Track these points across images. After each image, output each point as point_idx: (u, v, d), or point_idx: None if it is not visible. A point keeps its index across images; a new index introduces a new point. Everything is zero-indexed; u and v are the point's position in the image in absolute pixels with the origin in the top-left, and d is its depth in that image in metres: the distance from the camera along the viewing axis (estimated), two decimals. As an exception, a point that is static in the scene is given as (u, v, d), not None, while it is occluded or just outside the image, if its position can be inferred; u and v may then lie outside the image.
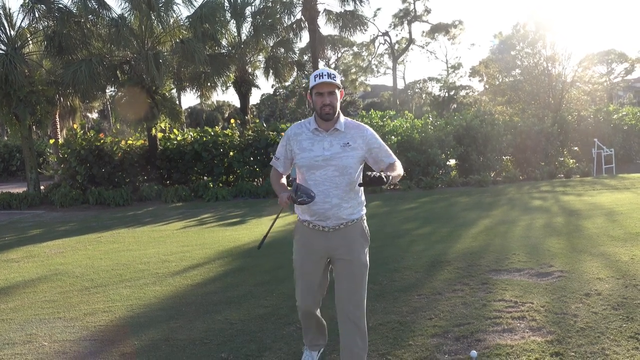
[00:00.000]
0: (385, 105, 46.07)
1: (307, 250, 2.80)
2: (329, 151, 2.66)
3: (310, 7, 19.57)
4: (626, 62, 30.03)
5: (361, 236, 2.78)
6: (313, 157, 2.67)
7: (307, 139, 2.71)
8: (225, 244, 7.33)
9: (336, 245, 2.73)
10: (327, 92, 2.62)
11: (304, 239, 2.81)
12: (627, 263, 5.10)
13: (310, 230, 2.76)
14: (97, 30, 14.37)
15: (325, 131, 2.69)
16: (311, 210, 2.69)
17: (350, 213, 2.72)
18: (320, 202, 2.65)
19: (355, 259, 2.73)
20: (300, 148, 2.72)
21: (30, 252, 7.40)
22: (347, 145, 2.67)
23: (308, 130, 2.73)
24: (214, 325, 4.01)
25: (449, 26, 43.86)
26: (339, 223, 2.70)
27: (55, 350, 3.68)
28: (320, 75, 2.61)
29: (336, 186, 2.66)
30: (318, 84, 2.60)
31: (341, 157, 2.65)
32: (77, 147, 13.35)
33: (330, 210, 2.67)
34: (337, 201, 2.67)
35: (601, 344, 3.26)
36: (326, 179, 2.66)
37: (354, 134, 2.71)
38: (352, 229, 2.74)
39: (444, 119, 16.87)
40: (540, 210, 8.98)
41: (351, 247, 2.73)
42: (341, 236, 2.73)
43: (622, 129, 19.30)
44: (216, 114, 55.29)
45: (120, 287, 5.28)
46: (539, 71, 23.62)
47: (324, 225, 2.71)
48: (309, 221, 2.75)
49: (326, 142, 2.68)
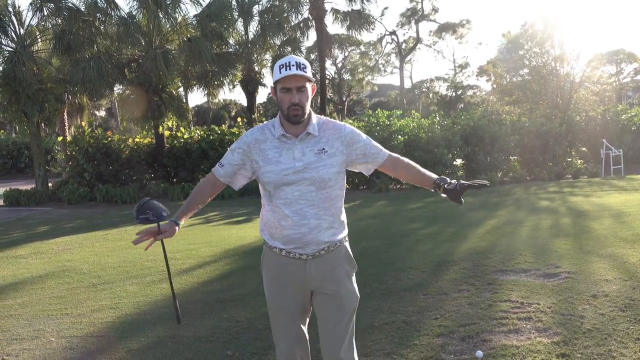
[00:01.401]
0: (392, 104, 45.97)
1: (282, 284, 2.22)
2: (300, 161, 2.11)
3: (318, 5, 19.57)
4: (635, 62, 29.87)
5: (346, 261, 2.25)
6: (281, 170, 2.10)
7: (273, 148, 2.14)
8: (232, 242, 7.35)
9: (317, 276, 2.17)
10: (296, 87, 2.05)
11: (275, 270, 2.23)
12: (635, 265, 5.06)
13: (283, 259, 2.18)
14: (106, 28, 14.46)
15: (294, 137, 2.13)
16: (284, 236, 2.14)
17: (332, 234, 2.17)
18: (296, 225, 2.11)
19: (343, 290, 2.20)
20: (265, 159, 2.13)
21: (38, 248, 7.45)
22: (322, 151, 2.13)
23: (273, 137, 2.15)
24: (219, 322, 4.03)
25: (457, 25, 43.67)
26: (319, 248, 2.15)
27: (63, 345, 3.71)
28: (287, 65, 2.03)
29: (313, 204, 2.11)
30: (284, 77, 2.02)
31: (317, 168, 2.11)
32: (84, 144, 13.44)
33: (309, 235, 2.12)
34: (315, 222, 2.12)
35: (608, 346, 3.24)
36: (300, 197, 2.10)
37: (329, 136, 2.16)
38: (335, 254, 2.20)
39: (451, 118, 16.81)
40: (547, 210, 8.93)
41: (336, 276, 2.20)
42: (323, 264, 2.17)
43: (631, 129, 19.16)
44: (223, 113, 55.43)
45: (126, 284, 5.31)
46: (547, 71, 23.48)
47: (302, 253, 2.14)
48: (280, 248, 2.18)
49: (297, 150, 2.12)
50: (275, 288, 2.24)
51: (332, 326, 2.20)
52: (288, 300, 2.23)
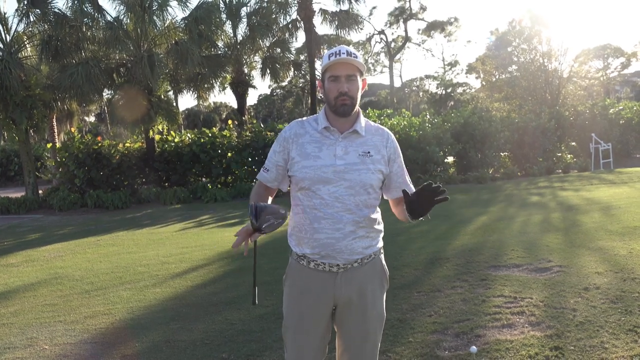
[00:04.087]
0: (382, 103, 46.11)
1: (307, 299, 2.00)
2: (342, 160, 1.93)
3: (306, 6, 19.57)
4: (622, 56, 30.12)
5: (381, 276, 2.06)
6: (319, 167, 1.92)
7: (313, 142, 1.96)
8: (225, 245, 7.34)
9: (349, 294, 1.98)
10: (345, 75, 1.89)
11: (301, 283, 2.01)
12: (625, 257, 5.12)
13: (311, 271, 1.98)
14: (93, 33, 14.38)
15: (339, 132, 1.96)
16: (314, 239, 1.93)
17: (367, 246, 1.98)
18: (329, 229, 1.92)
19: (370, 306, 2.00)
20: (302, 154, 1.95)
21: (29, 256, 7.40)
22: (367, 154, 1.95)
23: (314, 130, 1.98)
24: (214, 325, 4.02)
25: (445, 23, 43.92)
26: (352, 260, 1.95)
27: (56, 353, 3.68)
28: (337, 53, 1.89)
29: (349, 209, 1.92)
30: (333, 63, 1.88)
31: (359, 170, 1.93)
32: (74, 150, 13.34)
33: (342, 241, 1.92)
34: (351, 228, 1.93)
35: (600, 338, 3.28)
36: (337, 199, 1.91)
37: (377, 141, 1.99)
38: (369, 268, 2.01)
39: (441, 116, 16.90)
40: (538, 206, 9.00)
41: (366, 292, 2.00)
42: (355, 279, 1.98)
43: (619, 123, 19.35)
44: (214, 116, 55.29)
45: (120, 289, 5.28)
46: (535, 67, 23.68)
47: (332, 264, 1.95)
48: (310, 258, 1.97)
49: (339, 147, 1.94)
50: (300, 303, 2.01)
51: (354, 340, 2.02)
52: (310, 321, 2.00)
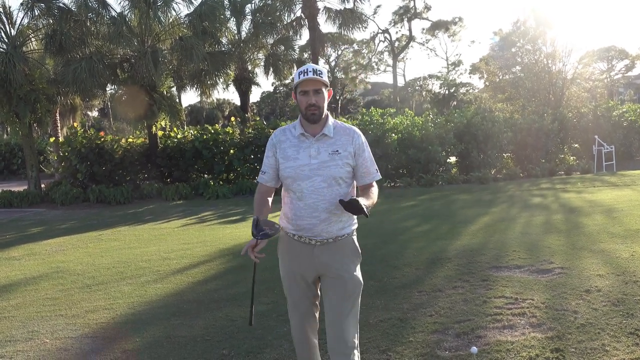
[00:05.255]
0: (385, 102, 46.06)
1: (294, 261, 2.49)
2: (316, 159, 2.37)
3: (310, 4, 19.56)
4: (627, 58, 30.05)
5: (352, 252, 2.49)
6: (298, 166, 2.38)
7: (292, 146, 2.42)
8: (226, 241, 7.35)
9: (325, 261, 2.42)
10: (313, 90, 2.34)
11: (289, 250, 2.50)
12: (627, 260, 5.10)
13: (296, 242, 2.45)
14: (97, 28, 14.37)
15: (312, 136, 2.40)
16: (297, 225, 2.41)
17: (340, 228, 2.43)
18: (308, 216, 2.37)
19: (348, 275, 2.43)
20: (285, 157, 2.42)
21: (31, 250, 7.42)
22: (336, 152, 2.38)
23: (293, 137, 2.43)
24: (215, 322, 4.03)
25: (449, 23, 43.80)
26: (328, 237, 2.41)
27: (57, 347, 3.70)
28: (305, 72, 2.33)
29: (324, 199, 2.36)
30: (302, 81, 2.33)
31: (329, 167, 2.37)
32: (77, 145, 13.36)
33: (319, 226, 2.38)
34: (326, 215, 2.37)
35: (601, 340, 3.27)
36: (313, 191, 2.36)
37: (344, 141, 2.41)
38: (341, 244, 2.45)
39: (444, 116, 16.86)
40: (540, 207, 8.98)
41: (342, 263, 2.44)
42: (330, 251, 2.43)
43: (622, 125, 19.26)
44: (216, 112, 55.28)
45: (121, 284, 5.29)
46: (539, 68, 23.60)
47: (311, 237, 2.41)
48: (294, 233, 2.45)
49: (313, 149, 2.38)
50: (288, 267, 2.51)
51: (337, 305, 2.41)
52: (298, 278, 2.49)
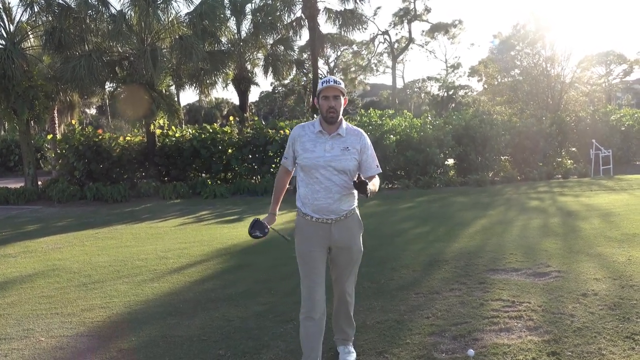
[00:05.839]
0: (384, 104, 46.04)
1: (311, 241, 2.99)
2: (329, 153, 2.92)
3: (311, 5, 19.56)
4: (625, 63, 30.04)
5: (358, 224, 3.11)
6: (315, 157, 2.92)
7: (310, 141, 2.96)
8: (224, 241, 7.33)
9: (338, 236, 2.99)
10: (333, 96, 2.88)
11: (307, 231, 3.00)
12: (624, 264, 5.11)
13: (313, 223, 2.98)
14: (97, 25, 14.33)
15: (328, 134, 2.94)
16: (314, 205, 2.94)
17: (349, 205, 3.02)
18: (323, 197, 2.93)
19: (355, 246, 3.07)
20: (303, 149, 2.95)
21: (27, 247, 7.39)
22: (346, 149, 2.93)
23: (312, 133, 2.98)
24: (211, 322, 4.02)
25: (449, 26, 43.84)
26: (339, 215, 2.98)
27: (52, 345, 3.68)
28: (327, 81, 2.89)
29: (336, 184, 2.93)
30: (325, 88, 2.88)
31: (340, 160, 2.91)
32: (75, 142, 13.32)
33: (333, 205, 2.94)
34: (337, 197, 2.94)
35: (598, 344, 3.27)
36: (327, 179, 2.92)
37: (353, 140, 2.96)
38: (351, 219, 3.05)
39: (442, 118, 16.86)
40: (537, 210, 8.99)
41: (351, 236, 3.05)
42: (343, 227, 3.00)
43: (620, 130, 19.29)
44: (215, 111, 55.21)
45: (117, 283, 5.28)
46: (538, 72, 23.64)
47: (327, 218, 2.96)
48: (311, 215, 2.97)
49: (328, 144, 2.93)
50: (306, 244, 3.00)
51: (344, 268, 3.09)
52: (314, 252, 2.98)
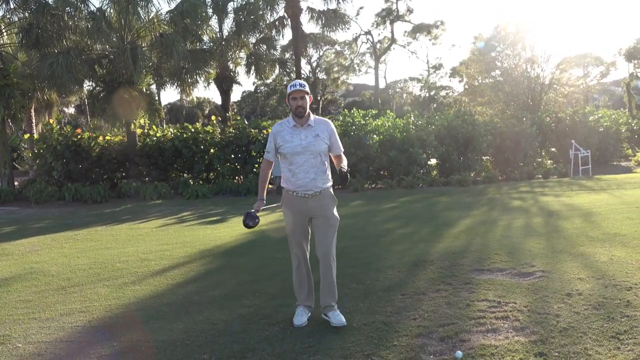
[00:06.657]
0: (366, 104, 46.14)
1: (295, 211, 3.76)
2: (305, 141, 3.69)
3: (293, 4, 19.48)
4: (602, 65, 30.61)
5: (331, 199, 3.82)
6: (294, 146, 3.69)
7: (288, 134, 3.73)
8: (206, 242, 7.23)
9: (315, 207, 3.74)
10: (299, 97, 3.67)
11: (291, 205, 3.77)
12: (606, 263, 5.17)
13: (295, 198, 3.75)
14: (75, 23, 14.06)
15: (301, 126, 3.72)
16: (295, 183, 3.71)
17: (323, 183, 3.75)
18: (303, 177, 3.69)
19: (330, 214, 3.78)
20: (283, 140, 3.72)
21: (3, 250, 7.19)
22: (317, 136, 3.71)
23: (288, 127, 3.75)
24: (195, 325, 3.93)
25: (431, 26, 44.13)
26: (316, 191, 3.71)
27: (30, 352, 3.56)
28: (294, 85, 3.70)
29: (312, 165, 3.70)
30: (292, 91, 3.68)
31: (314, 145, 3.70)
32: (53, 142, 13.06)
33: (310, 183, 3.70)
34: (313, 176, 3.71)
35: (584, 344, 3.28)
36: (305, 161, 3.69)
37: (322, 128, 3.76)
38: (325, 194, 3.77)
39: (425, 118, 16.96)
40: (519, 210, 9.08)
41: (326, 205, 3.77)
42: (318, 200, 3.73)
43: (598, 130, 19.66)
44: (196, 111, 54.75)
45: (98, 286, 5.15)
46: (518, 73, 23.95)
47: (305, 193, 3.70)
48: (294, 191, 3.72)
49: (302, 134, 3.70)
50: (291, 214, 3.79)
51: (324, 233, 3.77)
52: (297, 220, 3.78)
